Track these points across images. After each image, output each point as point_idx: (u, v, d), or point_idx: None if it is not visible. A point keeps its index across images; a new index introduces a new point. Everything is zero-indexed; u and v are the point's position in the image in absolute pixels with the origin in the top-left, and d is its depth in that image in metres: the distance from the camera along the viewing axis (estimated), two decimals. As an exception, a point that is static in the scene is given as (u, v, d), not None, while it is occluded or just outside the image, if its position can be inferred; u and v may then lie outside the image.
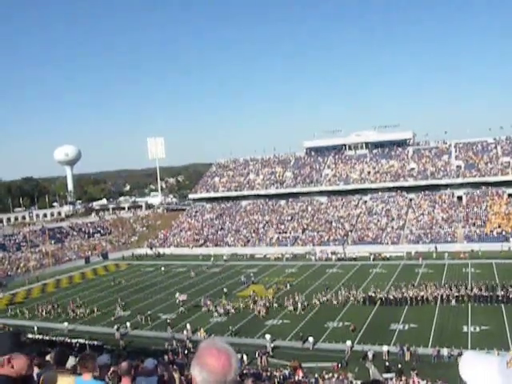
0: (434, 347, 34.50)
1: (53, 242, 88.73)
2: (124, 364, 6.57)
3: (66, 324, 46.72)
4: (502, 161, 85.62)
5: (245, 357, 34.50)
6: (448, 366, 31.48)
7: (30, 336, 39.18)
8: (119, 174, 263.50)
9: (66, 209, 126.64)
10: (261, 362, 34.63)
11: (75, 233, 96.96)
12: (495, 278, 50.98)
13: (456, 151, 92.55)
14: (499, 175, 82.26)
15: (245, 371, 28.70)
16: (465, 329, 38.35)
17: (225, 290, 54.79)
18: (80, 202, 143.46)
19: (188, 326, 42.79)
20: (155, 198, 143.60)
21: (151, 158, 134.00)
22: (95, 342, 38.86)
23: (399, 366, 31.65)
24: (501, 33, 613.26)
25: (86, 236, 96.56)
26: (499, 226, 71.52)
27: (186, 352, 36.11)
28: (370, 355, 34.23)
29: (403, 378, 28.18)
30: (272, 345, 37.38)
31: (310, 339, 37.93)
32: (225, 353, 2.41)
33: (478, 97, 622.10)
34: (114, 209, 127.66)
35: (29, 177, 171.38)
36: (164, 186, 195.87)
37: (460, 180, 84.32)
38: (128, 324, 45.40)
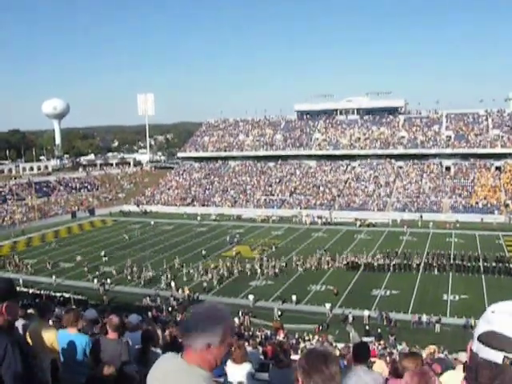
0: (414, 314, 35.22)
1: (39, 195, 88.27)
2: (115, 319, 6.60)
3: (53, 277, 46.96)
4: (491, 133, 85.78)
5: (236, 320, 35.06)
6: (426, 332, 32.21)
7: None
8: (108, 129, 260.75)
9: (53, 163, 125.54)
10: (243, 322, 35.12)
11: (62, 187, 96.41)
12: (477, 249, 51.68)
13: (447, 121, 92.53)
14: (488, 148, 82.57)
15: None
16: (445, 297, 39.08)
17: (203, 252, 54.27)
18: (67, 156, 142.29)
19: (172, 283, 43.18)
20: (143, 155, 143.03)
21: (141, 114, 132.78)
22: (79, 297, 39.13)
23: (378, 330, 32.32)
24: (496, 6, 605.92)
25: (73, 191, 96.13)
26: (485, 198, 72.17)
27: (169, 309, 36.53)
28: (350, 318, 34.99)
29: (382, 342, 28.76)
30: (279, 312, 37.05)
31: (293, 297, 38.80)
32: (204, 306, 2.55)
33: (471, 67, 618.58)
34: (101, 165, 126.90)
35: (16, 129, 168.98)
36: (153, 143, 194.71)
37: (449, 150, 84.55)
38: (109, 280, 45.66)
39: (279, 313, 37.02)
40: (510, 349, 1.62)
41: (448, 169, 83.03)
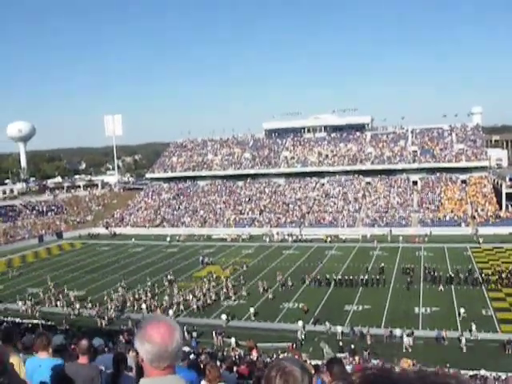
0: (387, 328, 35.32)
1: (5, 220, 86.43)
2: (84, 342, 6.42)
3: (20, 303, 45.89)
4: (456, 148, 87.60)
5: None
6: (400, 346, 32.32)
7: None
8: (75, 151, 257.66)
9: (19, 186, 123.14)
10: (217, 342, 34.78)
11: (28, 211, 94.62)
12: (446, 262, 52.40)
13: (412, 137, 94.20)
14: (453, 162, 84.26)
15: (200, 350, 28.76)
16: (416, 310, 39.37)
17: (169, 277, 52.09)
18: (34, 179, 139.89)
19: (143, 305, 42.60)
20: (112, 177, 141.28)
21: (108, 135, 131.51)
22: (48, 322, 38.18)
23: (352, 346, 32.30)
24: (460, 19, 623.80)
25: (40, 215, 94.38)
26: (452, 211, 73.36)
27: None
28: (327, 325, 35.73)
29: (356, 358, 28.77)
30: (302, 335, 35.73)
31: (251, 310, 39.92)
32: (165, 324, 2.47)
33: (434, 83, 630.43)
34: (68, 187, 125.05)
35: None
36: (121, 164, 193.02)
37: (415, 165, 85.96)
38: (77, 305, 44.64)
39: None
40: None
41: (415, 183, 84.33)
